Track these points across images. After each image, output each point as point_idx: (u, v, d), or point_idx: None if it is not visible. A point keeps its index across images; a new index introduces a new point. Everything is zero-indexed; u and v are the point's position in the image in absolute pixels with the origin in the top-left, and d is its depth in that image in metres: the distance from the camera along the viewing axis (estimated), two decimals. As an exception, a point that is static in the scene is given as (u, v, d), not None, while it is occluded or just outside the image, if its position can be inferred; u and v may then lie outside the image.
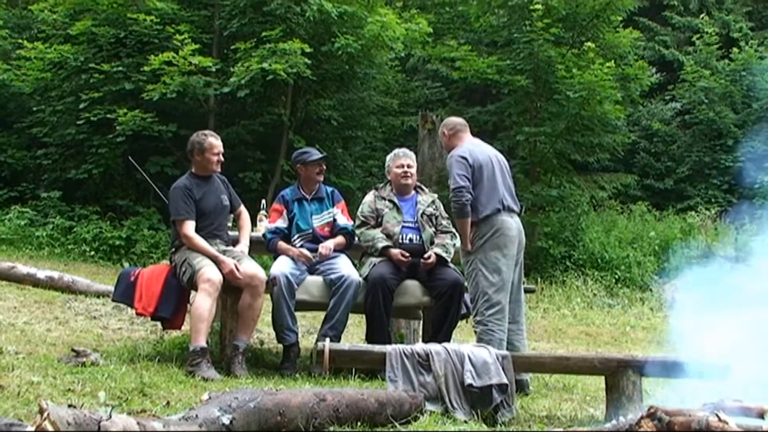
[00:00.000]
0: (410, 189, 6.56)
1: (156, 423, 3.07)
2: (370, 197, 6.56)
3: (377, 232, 6.30)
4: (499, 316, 5.79)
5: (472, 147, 6.07)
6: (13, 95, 15.16)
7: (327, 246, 6.25)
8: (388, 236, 6.29)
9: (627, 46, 15.24)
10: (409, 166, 6.51)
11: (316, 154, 6.57)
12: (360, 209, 6.51)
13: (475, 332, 5.86)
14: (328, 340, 5.15)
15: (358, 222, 6.45)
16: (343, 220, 6.48)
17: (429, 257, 6.18)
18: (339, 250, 6.38)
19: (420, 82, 18.75)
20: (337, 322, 6.02)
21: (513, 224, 5.98)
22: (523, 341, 6.10)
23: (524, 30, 14.10)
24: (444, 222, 6.52)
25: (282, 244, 6.29)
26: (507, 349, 5.58)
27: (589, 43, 13.86)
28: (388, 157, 6.66)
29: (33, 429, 2.70)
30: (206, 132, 6.33)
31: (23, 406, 4.01)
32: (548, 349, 8.56)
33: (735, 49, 18.78)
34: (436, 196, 6.75)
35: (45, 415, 2.67)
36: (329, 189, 6.62)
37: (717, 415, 3.30)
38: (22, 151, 14.81)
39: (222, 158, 6.20)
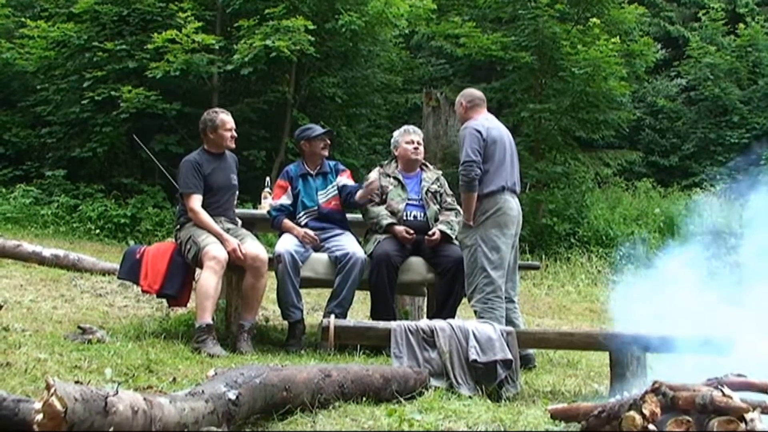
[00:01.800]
0: (417, 165, 6.57)
1: (163, 399, 3.09)
2: (374, 174, 6.55)
3: (382, 209, 6.31)
4: (498, 293, 5.82)
5: (487, 122, 6.05)
6: (16, 74, 15.17)
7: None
8: (393, 213, 6.29)
9: (632, 22, 15.16)
10: (419, 143, 6.53)
11: (319, 129, 6.56)
12: (365, 186, 6.50)
13: (475, 310, 5.85)
14: (333, 316, 5.17)
15: (363, 199, 6.45)
16: (351, 183, 6.47)
17: (433, 234, 6.19)
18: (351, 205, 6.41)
19: (424, 60, 18.67)
20: (343, 299, 6.03)
21: (514, 205, 5.98)
22: (520, 319, 6.15)
23: (529, 6, 14.02)
24: (448, 199, 6.52)
25: (287, 222, 6.29)
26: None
27: (594, 19, 13.78)
28: (396, 133, 6.65)
29: (40, 405, 2.72)
30: (216, 109, 6.35)
31: (30, 382, 4.03)
32: (552, 325, 8.58)
33: (741, 25, 18.65)
34: (440, 173, 6.76)
35: (52, 391, 2.68)
36: (332, 163, 6.61)
37: (721, 391, 3.31)
38: (27, 129, 14.83)
39: (235, 134, 6.21)
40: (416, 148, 6.50)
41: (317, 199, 6.39)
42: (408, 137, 6.53)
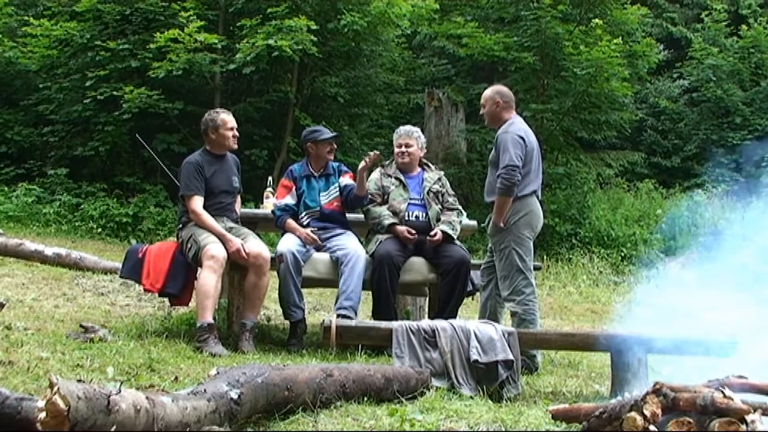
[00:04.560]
0: (411, 167, 6.57)
1: (165, 398, 3.10)
2: (376, 174, 6.57)
3: (383, 210, 6.32)
4: (535, 295, 5.90)
5: (526, 127, 6.09)
6: (19, 73, 15.17)
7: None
8: (395, 213, 6.30)
9: (635, 22, 15.13)
10: (407, 146, 6.52)
11: (327, 132, 6.56)
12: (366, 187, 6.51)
13: (514, 312, 5.81)
14: (335, 316, 5.17)
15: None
16: (353, 183, 6.43)
17: (435, 234, 6.20)
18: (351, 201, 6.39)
19: (426, 60, 18.66)
20: (353, 293, 5.95)
21: (540, 207, 6.06)
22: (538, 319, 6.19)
23: (531, 6, 14.02)
24: (450, 199, 6.53)
25: (290, 223, 6.28)
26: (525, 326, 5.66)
27: (596, 20, 13.76)
28: (394, 134, 6.67)
29: (44, 403, 2.72)
30: (218, 110, 6.38)
31: (33, 381, 4.05)
32: (554, 326, 8.58)
33: (744, 27, 18.62)
34: (442, 173, 6.76)
35: (55, 389, 2.69)
36: (335, 164, 6.62)
37: (722, 392, 3.32)
38: (29, 128, 14.81)
39: (237, 133, 6.21)
40: (402, 153, 6.51)
41: (319, 200, 6.40)
42: (398, 141, 6.58)
